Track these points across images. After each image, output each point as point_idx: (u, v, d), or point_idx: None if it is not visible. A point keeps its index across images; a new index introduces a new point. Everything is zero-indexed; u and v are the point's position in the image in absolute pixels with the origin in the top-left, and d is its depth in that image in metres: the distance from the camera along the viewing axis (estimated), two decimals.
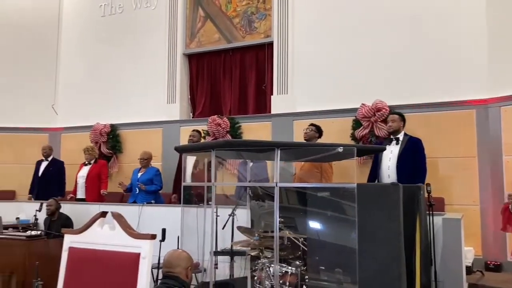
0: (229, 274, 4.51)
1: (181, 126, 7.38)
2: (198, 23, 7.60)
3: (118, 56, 8.08)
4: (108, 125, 7.74)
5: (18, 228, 5.55)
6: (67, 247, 2.30)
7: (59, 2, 8.80)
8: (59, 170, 7.12)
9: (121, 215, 2.23)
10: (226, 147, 3.32)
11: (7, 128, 8.37)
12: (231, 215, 4.29)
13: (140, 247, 2.12)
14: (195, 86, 7.76)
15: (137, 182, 6.07)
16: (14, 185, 8.11)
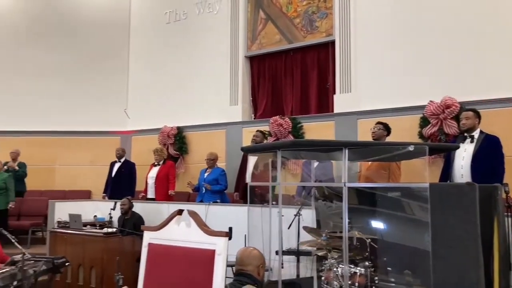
0: (294, 274, 4.52)
1: (243, 127, 7.51)
2: (259, 25, 7.70)
3: (183, 60, 8.38)
4: (175, 127, 8.04)
5: (95, 226, 5.90)
6: (146, 243, 2.43)
7: (129, 12, 9.28)
8: (131, 171, 7.46)
9: (196, 213, 2.33)
10: (292, 147, 3.33)
11: (84, 132, 9.00)
12: (296, 215, 4.30)
13: (215, 244, 2.19)
14: (257, 87, 7.86)
15: (203, 182, 6.25)
16: (89, 185, 8.67)
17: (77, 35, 9.41)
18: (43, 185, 8.80)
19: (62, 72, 9.33)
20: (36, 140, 9.03)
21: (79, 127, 9.01)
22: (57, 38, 9.46)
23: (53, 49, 9.41)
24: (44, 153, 8.98)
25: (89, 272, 5.20)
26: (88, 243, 5.29)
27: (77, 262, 5.23)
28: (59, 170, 9.12)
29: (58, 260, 4.49)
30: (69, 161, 9.06)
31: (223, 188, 6.31)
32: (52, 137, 9.08)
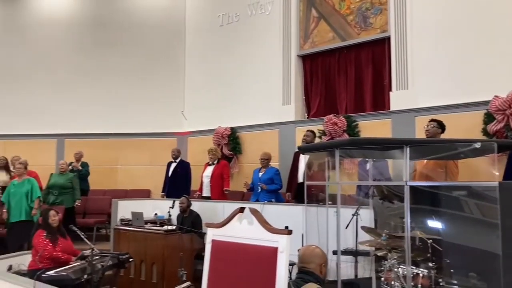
0: (352, 274, 4.47)
1: (297, 126, 7.50)
2: (311, 24, 7.66)
3: (236, 62, 8.52)
4: (228, 128, 8.19)
5: (156, 223, 6.13)
6: (210, 240, 2.50)
7: (184, 16, 9.57)
8: (186, 171, 7.67)
9: (258, 211, 2.37)
10: (351, 145, 3.30)
11: (143, 133, 9.40)
12: (354, 214, 4.25)
13: (277, 241, 2.22)
14: (310, 86, 7.83)
15: (258, 181, 6.32)
16: (149, 184, 9.03)
17: (135, 41, 9.84)
18: (106, 185, 9.29)
19: (122, 77, 9.80)
20: (100, 142, 9.55)
21: (138, 129, 9.42)
22: (117, 44, 9.94)
23: (113, 55, 9.90)
24: (107, 154, 9.48)
25: (151, 268, 5.41)
26: (150, 240, 5.49)
27: (139, 258, 5.45)
28: (121, 170, 9.59)
29: (123, 256, 4.74)
30: (130, 161, 9.50)
31: (279, 187, 6.34)
32: (114, 139, 9.57)
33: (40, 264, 4.53)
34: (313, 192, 4.70)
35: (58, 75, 10.14)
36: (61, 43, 10.27)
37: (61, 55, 10.20)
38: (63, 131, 9.77)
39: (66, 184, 7.48)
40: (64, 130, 9.76)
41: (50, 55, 10.27)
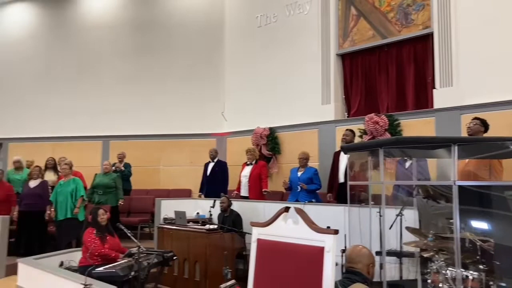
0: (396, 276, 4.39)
1: (337, 126, 7.43)
2: (350, 22, 7.58)
3: (274, 62, 8.54)
4: (267, 128, 8.22)
5: (198, 222, 6.24)
6: (255, 239, 2.53)
7: (222, 19, 9.70)
8: (224, 170, 7.79)
9: (303, 210, 2.38)
10: (396, 144, 3.24)
11: (184, 134, 9.59)
12: (398, 215, 4.17)
13: (324, 241, 2.23)
14: (350, 85, 7.74)
15: (298, 181, 6.31)
16: (190, 184, 9.21)
17: (176, 44, 10.07)
18: (149, 185, 9.54)
19: (163, 79, 10.06)
20: (143, 143, 9.85)
21: (180, 130, 9.63)
22: (158, 47, 10.21)
23: (154, 58, 10.18)
24: (149, 155, 9.76)
25: (194, 266, 5.51)
26: (192, 239, 5.60)
27: (183, 256, 5.57)
28: (163, 170, 9.83)
29: (167, 254, 4.86)
30: (171, 162, 9.73)
31: (318, 187, 6.32)
32: (157, 140, 9.83)
33: (90, 261, 4.72)
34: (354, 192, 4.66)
35: (103, 79, 10.54)
36: (105, 48, 10.66)
37: (105, 60, 10.60)
38: (108, 133, 10.15)
39: (110, 184, 7.74)
40: (109, 132, 10.14)
41: (95, 60, 10.69)
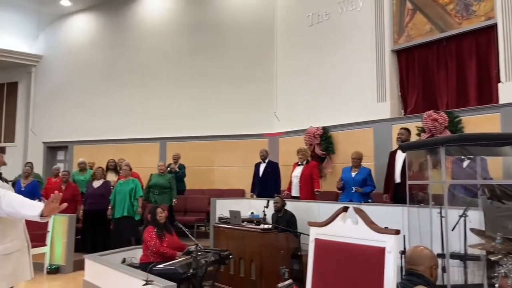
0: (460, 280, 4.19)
1: (393, 124, 7.21)
2: (406, 17, 7.33)
3: (327, 60, 8.44)
4: (320, 127, 8.13)
5: (252, 222, 6.30)
6: (313, 238, 2.52)
7: (274, 19, 9.72)
8: (275, 171, 7.80)
9: (362, 210, 2.33)
10: (460, 142, 3.10)
11: (237, 135, 9.72)
12: (462, 215, 3.98)
13: (385, 241, 2.17)
14: (406, 82, 7.49)
15: (352, 181, 6.19)
16: (243, 184, 9.30)
17: (228, 45, 10.24)
18: (204, 185, 9.76)
19: (216, 80, 10.26)
20: (198, 145, 10.10)
21: (233, 131, 9.77)
22: (211, 49, 10.43)
23: (207, 59, 10.40)
24: (204, 156, 9.98)
25: (249, 265, 5.56)
26: (247, 238, 5.65)
27: (238, 255, 5.63)
28: (217, 171, 10.02)
29: (224, 253, 4.95)
30: (225, 162, 9.89)
31: (373, 189, 6.17)
32: (210, 141, 10.05)
33: (151, 258, 4.90)
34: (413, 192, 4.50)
35: (160, 82, 10.94)
36: (161, 52, 11.06)
37: (162, 63, 10.99)
38: (165, 135, 10.50)
39: (165, 184, 8.01)
40: (166, 133, 10.49)
41: (152, 64, 11.12)
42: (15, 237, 2.69)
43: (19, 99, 13.23)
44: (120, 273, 4.80)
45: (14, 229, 2.69)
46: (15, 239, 2.69)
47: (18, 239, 2.72)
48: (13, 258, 2.65)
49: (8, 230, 2.64)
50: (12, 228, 2.68)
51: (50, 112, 12.61)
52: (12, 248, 2.65)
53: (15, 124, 13.21)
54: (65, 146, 12.34)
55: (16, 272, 2.67)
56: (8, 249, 2.62)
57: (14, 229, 2.69)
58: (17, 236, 2.72)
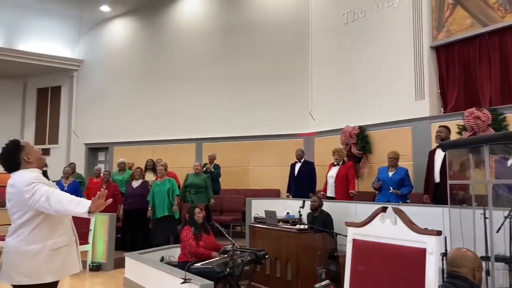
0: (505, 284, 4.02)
1: (432, 122, 7.01)
2: (445, 12, 7.11)
3: (363, 58, 8.30)
4: (356, 127, 8.01)
5: (288, 222, 6.28)
6: (351, 239, 2.49)
7: (309, 18, 9.66)
8: (311, 171, 7.74)
9: (402, 210, 2.28)
10: (505, 140, 2.97)
11: (272, 135, 9.72)
12: (507, 217, 3.82)
13: (426, 242, 2.12)
14: (446, 79, 7.26)
15: (389, 181, 6.07)
16: (278, 184, 9.30)
17: (263, 45, 10.26)
18: (239, 184, 9.83)
19: (251, 81, 10.31)
20: (232, 145, 10.19)
21: (267, 131, 9.79)
22: (245, 49, 10.49)
23: (242, 60, 10.48)
24: (239, 156, 10.05)
25: (285, 265, 5.55)
26: (283, 238, 5.63)
27: (274, 255, 5.62)
28: (252, 171, 10.06)
29: (260, 253, 4.96)
30: (260, 162, 9.92)
31: (411, 189, 6.03)
32: (245, 142, 10.10)
33: (188, 257, 4.98)
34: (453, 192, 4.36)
35: (195, 84, 11.11)
36: (196, 54, 11.24)
37: (197, 65, 11.16)
38: (201, 136, 10.65)
39: (201, 184, 8.12)
40: (201, 134, 10.64)
41: (187, 66, 11.32)
42: (63, 232, 2.81)
43: (62, 103, 13.79)
44: (159, 271, 4.91)
45: (62, 225, 2.81)
46: (63, 234, 2.80)
47: (66, 234, 2.83)
48: (62, 252, 2.77)
49: (56, 225, 2.76)
50: (60, 223, 2.79)
51: (91, 114, 13.08)
52: (61, 242, 2.77)
53: (58, 126, 13.77)
54: (106, 147, 12.75)
55: (65, 266, 2.78)
56: (57, 244, 2.74)
57: (62, 224, 2.81)
58: (65, 231, 2.83)
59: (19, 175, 2.74)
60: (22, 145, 2.82)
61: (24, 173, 2.74)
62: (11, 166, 2.78)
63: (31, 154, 2.82)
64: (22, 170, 2.77)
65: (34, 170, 2.79)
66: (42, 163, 2.89)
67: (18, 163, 2.77)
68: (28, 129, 14.26)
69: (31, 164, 2.80)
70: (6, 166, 2.81)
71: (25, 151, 2.80)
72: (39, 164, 2.86)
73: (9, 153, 2.79)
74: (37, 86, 14.28)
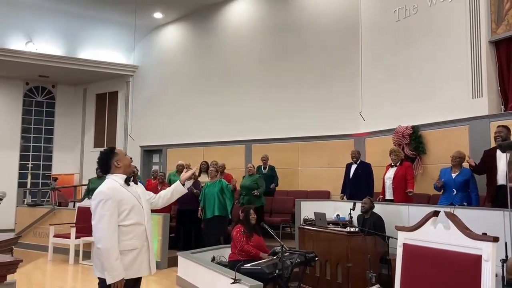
0: None
1: (491, 121, 6.64)
2: (505, 4, 6.72)
3: (415, 56, 8.03)
4: (409, 126, 7.76)
5: (338, 224, 6.21)
6: (401, 243, 2.43)
7: (359, 16, 9.49)
8: (368, 172, 7.59)
9: (455, 215, 2.20)
10: None
11: (321, 136, 9.64)
12: None
13: (481, 249, 2.03)
14: (506, 75, 6.85)
15: (453, 183, 5.83)
16: (328, 186, 9.21)
17: (312, 45, 10.19)
18: (288, 186, 9.83)
19: (300, 81, 10.27)
20: (282, 146, 10.21)
21: (317, 132, 9.71)
22: (294, 50, 10.47)
23: (291, 61, 10.48)
24: (289, 157, 10.06)
25: (335, 268, 5.50)
26: (333, 241, 5.58)
27: (324, 257, 5.59)
28: (301, 172, 10.03)
29: (309, 255, 4.94)
30: (310, 163, 9.86)
31: (477, 196, 5.74)
32: (295, 143, 10.09)
33: (238, 256, 5.06)
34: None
35: (245, 86, 11.26)
36: (246, 56, 11.39)
37: (246, 67, 11.31)
38: (251, 137, 10.76)
39: (252, 185, 8.15)
40: (251, 136, 10.75)
41: (237, 68, 11.50)
42: (134, 236, 2.99)
43: (119, 107, 14.46)
44: (210, 270, 5.03)
45: (134, 230, 3.01)
46: (134, 238, 2.99)
47: (137, 239, 3.01)
48: (130, 255, 2.95)
49: (128, 230, 2.97)
50: (132, 228, 3.00)
51: (146, 117, 13.60)
52: (129, 246, 2.95)
53: (116, 130, 14.44)
54: (160, 149, 13.20)
55: (132, 267, 2.96)
56: (126, 246, 2.93)
57: (134, 230, 3.01)
58: (137, 236, 3.01)
59: (102, 183, 3.05)
60: (116, 152, 3.14)
61: (105, 183, 3.04)
62: (103, 168, 3.12)
63: (121, 160, 3.10)
64: (109, 175, 3.08)
65: (118, 176, 3.07)
66: (129, 169, 3.17)
67: (109, 167, 3.08)
68: (88, 133, 15.08)
69: (119, 170, 3.09)
70: (99, 168, 3.15)
71: (117, 157, 3.10)
72: (126, 171, 3.14)
73: (104, 157, 3.11)
74: (96, 92, 15.06)
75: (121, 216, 2.94)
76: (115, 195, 2.94)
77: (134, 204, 3.03)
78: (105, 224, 2.85)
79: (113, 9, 12.39)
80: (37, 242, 9.19)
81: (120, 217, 2.93)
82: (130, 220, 2.97)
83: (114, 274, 2.81)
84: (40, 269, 7.42)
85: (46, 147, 14.92)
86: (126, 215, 2.96)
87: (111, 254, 2.81)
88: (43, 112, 14.94)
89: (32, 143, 14.67)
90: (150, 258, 3.13)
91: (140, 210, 3.08)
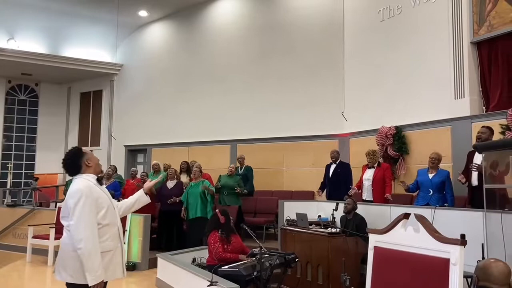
0: None
1: (473, 122, 6.67)
2: (487, 6, 6.75)
3: (399, 56, 8.04)
4: (393, 127, 7.76)
5: (320, 225, 6.17)
6: (372, 246, 2.39)
7: (342, 16, 9.47)
8: (346, 172, 7.59)
9: (424, 217, 2.16)
10: None
11: (305, 136, 9.61)
12: None
13: (449, 252, 1.99)
14: (488, 76, 6.88)
15: (430, 184, 5.82)
16: (312, 186, 9.16)
17: (296, 45, 10.16)
18: (273, 186, 9.78)
19: (284, 81, 10.23)
20: (267, 146, 10.16)
21: (301, 133, 9.68)
22: (279, 50, 10.43)
23: (275, 61, 10.43)
24: (273, 158, 10.01)
25: (316, 269, 5.46)
26: (314, 242, 5.54)
27: (305, 259, 5.55)
28: (286, 172, 9.98)
29: (289, 256, 4.89)
30: (294, 164, 9.82)
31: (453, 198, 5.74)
32: (279, 143, 10.04)
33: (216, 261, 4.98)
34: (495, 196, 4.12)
35: (229, 85, 11.19)
36: (231, 56, 11.32)
37: (231, 67, 11.24)
38: (235, 137, 10.69)
39: (234, 185, 8.15)
40: (236, 136, 10.67)
41: (222, 68, 11.42)
42: (109, 237, 2.90)
43: (103, 106, 14.27)
44: (188, 272, 4.95)
45: (109, 231, 2.92)
46: (109, 239, 2.90)
47: (112, 240, 2.93)
48: (106, 257, 2.87)
49: (104, 230, 2.88)
50: (108, 229, 2.91)
51: (130, 117, 13.45)
52: (105, 247, 2.86)
53: (100, 129, 14.27)
54: (144, 149, 13.06)
55: (107, 270, 2.86)
56: (102, 248, 2.83)
57: (109, 231, 2.92)
58: (111, 237, 2.93)
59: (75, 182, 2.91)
60: (84, 151, 3.02)
61: (79, 181, 2.89)
62: (71, 169, 2.96)
63: (91, 159, 3.00)
64: (79, 175, 2.93)
65: (90, 175, 2.95)
66: (99, 169, 3.06)
67: (79, 167, 2.94)
68: (73, 132, 14.87)
69: (89, 169, 2.97)
70: (68, 169, 2.98)
71: (86, 156, 2.98)
72: (96, 170, 3.03)
73: (72, 157, 2.97)
74: (80, 90, 14.87)
75: (99, 215, 2.85)
76: (92, 193, 2.85)
77: (108, 204, 2.95)
78: (87, 224, 2.74)
79: (97, 6, 12.22)
80: (16, 243, 9.00)
81: (98, 216, 2.84)
82: (105, 220, 2.89)
83: (96, 275, 2.70)
84: (18, 271, 7.26)
85: (29, 146, 14.68)
86: (103, 214, 2.87)
87: (94, 254, 2.71)
88: (26, 111, 14.71)
89: (14, 142, 14.43)
90: (123, 260, 3.06)
91: (113, 211, 3.00)
